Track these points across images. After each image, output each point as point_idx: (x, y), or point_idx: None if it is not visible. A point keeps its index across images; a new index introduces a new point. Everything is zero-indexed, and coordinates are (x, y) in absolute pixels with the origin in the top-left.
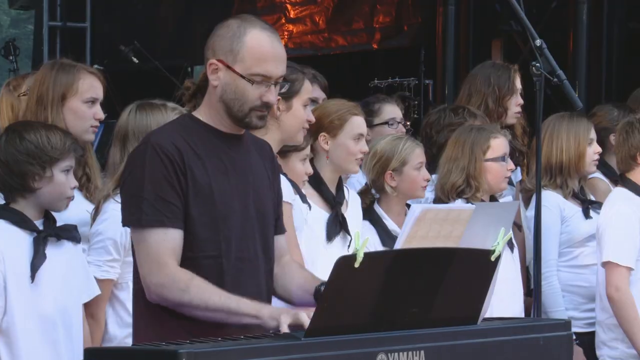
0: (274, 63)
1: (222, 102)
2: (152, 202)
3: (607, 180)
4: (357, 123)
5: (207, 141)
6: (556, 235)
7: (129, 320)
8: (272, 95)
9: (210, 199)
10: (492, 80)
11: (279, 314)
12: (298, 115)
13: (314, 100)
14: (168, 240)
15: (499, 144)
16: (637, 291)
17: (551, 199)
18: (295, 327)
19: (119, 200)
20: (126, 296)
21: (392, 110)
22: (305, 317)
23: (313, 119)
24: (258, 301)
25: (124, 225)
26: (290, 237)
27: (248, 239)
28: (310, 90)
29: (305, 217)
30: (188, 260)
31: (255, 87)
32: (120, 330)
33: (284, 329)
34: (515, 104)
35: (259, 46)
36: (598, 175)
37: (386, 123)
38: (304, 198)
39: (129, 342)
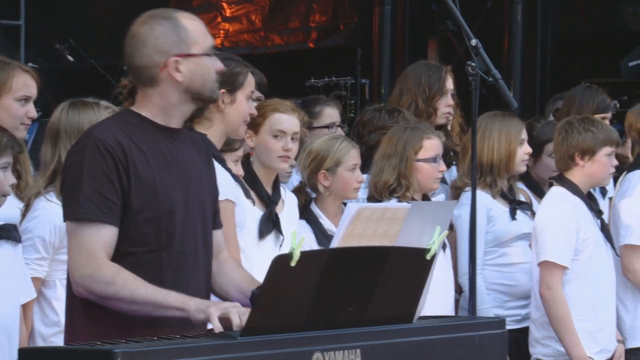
0: (209, 33)
1: (188, 93)
2: (90, 197)
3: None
4: (278, 120)
5: (149, 136)
6: (481, 235)
7: (56, 318)
8: (219, 62)
9: (153, 193)
10: (422, 80)
11: (206, 307)
12: (241, 108)
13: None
14: (101, 236)
15: (432, 145)
16: (573, 290)
17: (479, 198)
18: (225, 320)
19: (49, 198)
20: (53, 294)
21: (332, 114)
22: (235, 311)
23: (255, 112)
24: (198, 296)
25: (64, 220)
26: (231, 235)
27: (189, 233)
28: (253, 83)
29: (247, 211)
30: (128, 255)
31: (211, 60)
32: (46, 329)
33: (215, 321)
34: (444, 105)
35: (195, 24)
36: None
37: (326, 127)
38: (247, 193)
39: (54, 340)
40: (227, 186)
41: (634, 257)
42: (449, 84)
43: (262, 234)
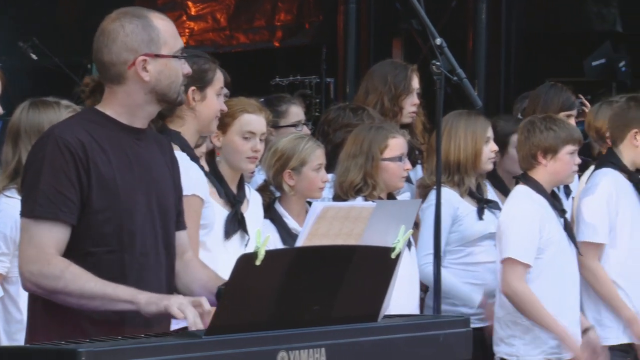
0: (179, 35)
1: (154, 93)
2: (48, 195)
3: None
4: (247, 121)
5: (112, 135)
6: (445, 232)
7: (18, 316)
8: (187, 65)
9: (114, 192)
10: (388, 79)
11: (159, 299)
12: (212, 104)
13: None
14: (53, 232)
15: (397, 144)
16: (536, 289)
17: (445, 196)
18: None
19: (10, 195)
20: (16, 291)
21: (298, 113)
22: (190, 310)
23: (226, 108)
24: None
25: (20, 216)
26: (192, 233)
27: (151, 233)
28: (222, 79)
29: (216, 212)
30: (90, 255)
31: (180, 63)
32: (8, 326)
33: (174, 310)
34: (410, 104)
35: (166, 25)
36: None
37: (293, 125)
38: (220, 192)
39: (17, 338)
40: (198, 182)
41: (591, 255)
42: (415, 83)
43: (228, 233)
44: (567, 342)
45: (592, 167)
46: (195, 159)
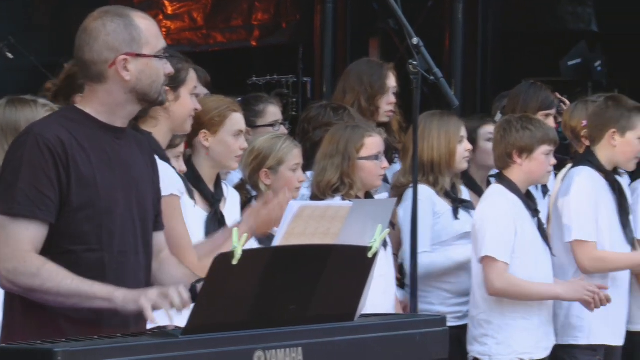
0: (161, 35)
1: (134, 93)
2: (27, 193)
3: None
4: (237, 120)
5: (92, 133)
6: (428, 227)
7: None
8: (169, 65)
9: (94, 190)
10: (364, 79)
11: (136, 297)
12: (186, 104)
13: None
14: (30, 230)
15: (373, 143)
16: None
17: (424, 192)
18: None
19: None
20: None
21: (275, 112)
22: (164, 301)
23: (200, 107)
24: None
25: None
26: (182, 230)
27: (130, 233)
28: (195, 79)
29: (188, 212)
30: (69, 254)
31: (162, 63)
32: None
33: (148, 313)
34: (386, 103)
35: (149, 25)
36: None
37: (270, 125)
38: (191, 193)
39: None
40: (173, 181)
41: (586, 253)
42: (391, 81)
43: (209, 233)
44: (568, 294)
45: (569, 166)
46: (166, 159)
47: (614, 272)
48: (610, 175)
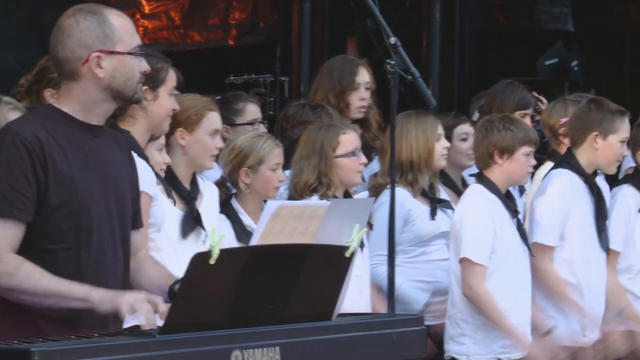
0: (136, 32)
1: (109, 90)
2: (4, 192)
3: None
4: (214, 118)
5: (69, 132)
6: (396, 232)
7: None
8: (145, 63)
9: (72, 189)
10: (334, 75)
11: (113, 297)
12: (164, 104)
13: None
14: (8, 230)
15: (349, 139)
16: (489, 287)
17: (397, 196)
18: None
19: None
20: None
21: (255, 111)
22: (143, 307)
23: (178, 107)
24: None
25: None
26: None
27: (108, 231)
28: (175, 78)
29: (166, 211)
30: (47, 253)
31: (137, 61)
32: None
33: (123, 314)
34: (357, 99)
35: (123, 22)
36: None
37: (249, 124)
38: (169, 192)
39: None
40: (147, 180)
41: (542, 256)
42: (362, 77)
43: (185, 232)
44: (520, 344)
45: (547, 164)
46: (144, 157)
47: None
48: (590, 179)
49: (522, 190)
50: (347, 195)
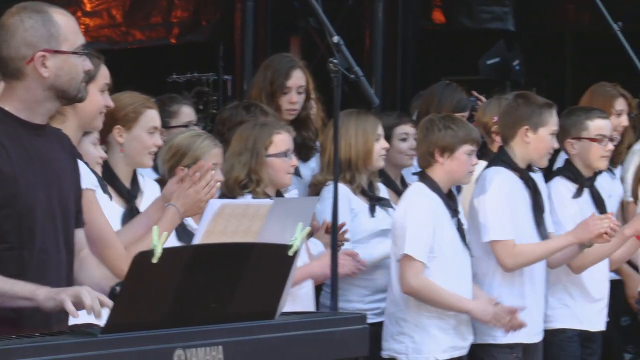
0: (80, 31)
1: (53, 90)
2: None
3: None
4: (152, 116)
5: (12, 131)
6: (347, 224)
7: None
8: (88, 62)
9: (14, 188)
10: (268, 75)
11: (56, 294)
12: (94, 101)
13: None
14: None
15: (282, 140)
16: None
17: (340, 191)
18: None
19: None
20: None
21: (189, 113)
22: (85, 292)
23: (112, 104)
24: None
25: None
26: (104, 224)
27: (51, 231)
28: (107, 75)
29: (104, 207)
30: None
31: (81, 60)
32: None
33: (69, 306)
34: (287, 102)
35: (68, 21)
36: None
37: (184, 126)
38: (104, 187)
39: None
40: (86, 176)
41: (505, 253)
42: (294, 81)
43: None
44: (477, 313)
45: (480, 163)
46: (77, 155)
47: (534, 263)
48: (524, 174)
49: (458, 188)
50: (279, 195)
